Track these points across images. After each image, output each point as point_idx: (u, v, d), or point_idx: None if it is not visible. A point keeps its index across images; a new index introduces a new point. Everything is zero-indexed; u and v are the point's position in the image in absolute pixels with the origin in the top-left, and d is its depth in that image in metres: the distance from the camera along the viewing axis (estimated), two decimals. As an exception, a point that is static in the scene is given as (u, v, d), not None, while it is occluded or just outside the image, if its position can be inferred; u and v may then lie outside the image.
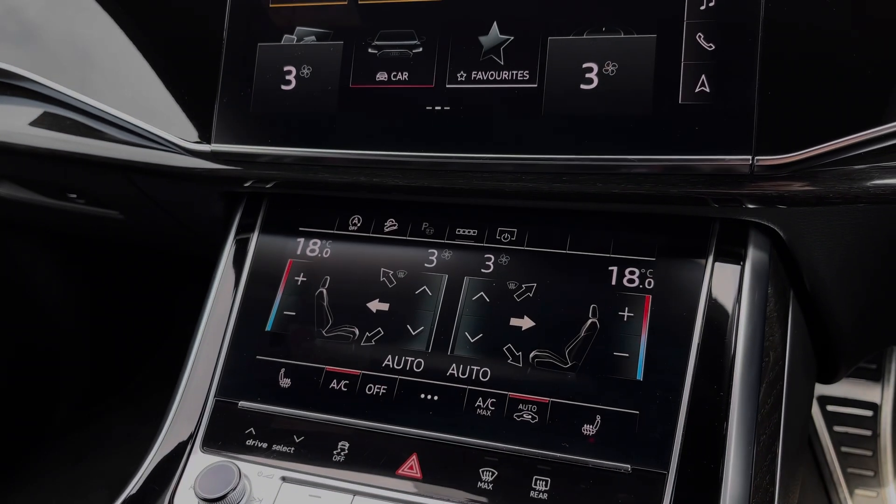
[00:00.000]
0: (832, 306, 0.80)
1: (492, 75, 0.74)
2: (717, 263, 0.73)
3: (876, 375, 1.38)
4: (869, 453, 1.37)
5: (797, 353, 0.79)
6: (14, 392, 1.56)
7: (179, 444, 0.78)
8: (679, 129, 0.67)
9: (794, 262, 0.75)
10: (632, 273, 0.74)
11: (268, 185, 0.86)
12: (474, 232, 0.81)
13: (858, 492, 1.37)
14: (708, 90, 0.67)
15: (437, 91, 0.75)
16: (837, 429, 1.39)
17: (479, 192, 0.77)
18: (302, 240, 0.85)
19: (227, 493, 0.70)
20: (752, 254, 0.73)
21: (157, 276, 1.79)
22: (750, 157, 0.65)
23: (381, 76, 0.77)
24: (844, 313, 0.83)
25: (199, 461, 0.76)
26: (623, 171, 0.70)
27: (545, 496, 0.67)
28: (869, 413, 1.38)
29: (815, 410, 1.40)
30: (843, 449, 1.39)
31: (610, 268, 0.75)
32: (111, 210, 1.08)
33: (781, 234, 0.72)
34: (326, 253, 0.84)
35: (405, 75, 0.77)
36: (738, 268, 0.72)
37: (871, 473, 1.37)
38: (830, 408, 1.40)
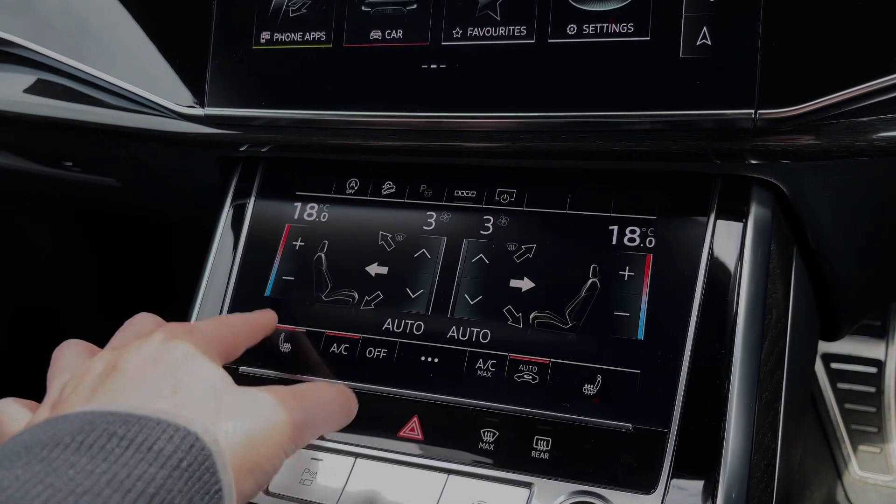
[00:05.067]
0: (836, 263, 0.79)
1: (488, 31, 0.72)
2: (718, 221, 0.72)
3: (880, 332, 1.38)
4: (873, 409, 1.37)
5: (800, 310, 0.78)
6: (19, 362, 1.57)
7: (181, 409, 0.78)
8: (680, 83, 0.66)
9: (798, 218, 0.74)
10: (632, 232, 0.73)
11: (263, 150, 0.85)
12: (473, 193, 0.79)
13: (862, 447, 1.37)
14: (710, 43, 0.65)
15: (433, 49, 0.74)
16: (841, 386, 1.39)
17: (478, 152, 0.76)
18: (299, 204, 0.85)
19: (230, 458, 0.71)
20: (754, 210, 0.71)
21: (162, 245, 1.79)
22: (753, 110, 0.64)
23: (375, 34, 0.76)
24: (848, 270, 0.82)
25: (202, 426, 0.76)
26: (623, 128, 0.69)
27: (546, 456, 0.67)
28: (873, 370, 1.38)
29: (819, 368, 1.40)
30: (847, 406, 1.39)
31: (610, 227, 0.74)
32: (107, 178, 1.07)
33: (785, 189, 0.71)
34: (324, 217, 0.83)
35: (399, 33, 0.75)
36: (740, 225, 0.71)
37: (874, 430, 1.37)
38: (834, 365, 1.40)
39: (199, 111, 0.81)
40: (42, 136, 0.99)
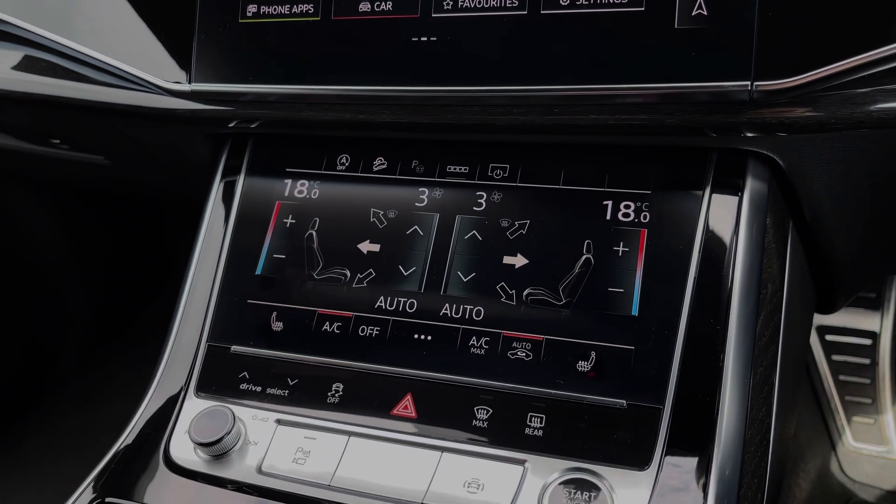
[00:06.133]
0: (832, 236, 0.79)
1: (479, 2, 0.70)
2: (714, 195, 0.71)
3: (875, 304, 1.38)
4: (867, 381, 1.38)
5: (795, 284, 0.78)
6: (16, 340, 1.57)
7: (173, 390, 0.78)
8: (675, 54, 0.64)
9: (794, 191, 0.73)
10: (627, 207, 0.72)
11: (252, 126, 0.83)
12: (465, 169, 0.78)
13: (856, 419, 1.38)
14: (705, 13, 0.64)
15: (423, 21, 0.72)
16: (836, 358, 1.40)
17: (470, 126, 0.75)
18: (289, 181, 0.83)
19: (222, 437, 0.70)
20: (750, 184, 0.71)
21: (155, 223, 1.78)
22: (749, 82, 0.62)
23: (364, 6, 0.74)
24: (844, 243, 0.81)
25: (194, 406, 0.76)
26: (617, 101, 0.68)
27: (540, 433, 0.67)
28: (868, 342, 1.38)
29: (814, 340, 1.40)
30: (842, 377, 1.39)
31: (604, 202, 0.73)
32: (95, 155, 1.06)
33: (781, 162, 0.70)
34: (315, 194, 0.82)
35: (389, 5, 0.73)
36: (735, 199, 0.70)
37: (868, 401, 1.37)
38: (829, 337, 1.40)
39: (185, 87, 0.80)
40: (28, 113, 0.98)
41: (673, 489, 0.62)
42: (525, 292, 0.73)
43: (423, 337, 0.74)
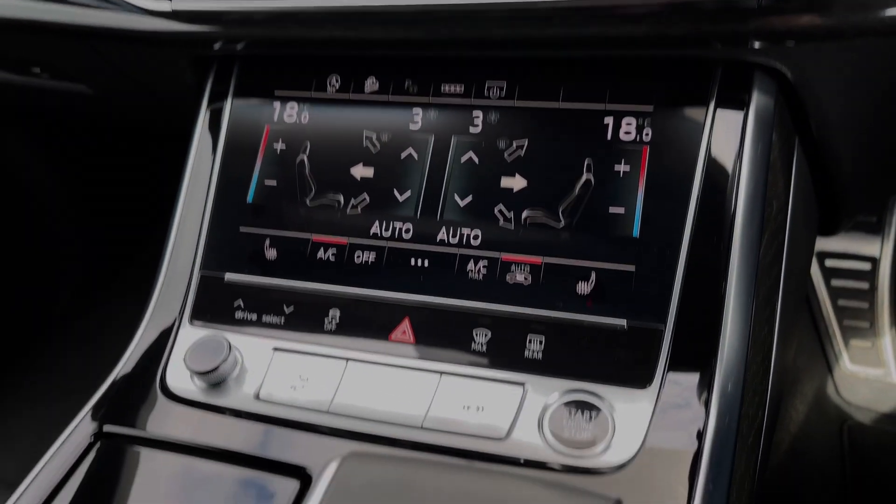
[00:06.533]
0: (838, 152, 0.76)
1: None
2: (718, 110, 0.68)
3: (876, 229, 1.36)
4: (865, 305, 1.37)
5: (799, 203, 0.76)
6: (13, 281, 1.56)
7: (167, 319, 0.77)
8: (680, -41, 0.61)
9: (801, 105, 0.70)
10: (628, 124, 0.70)
11: (238, 47, 0.80)
12: (461, 88, 0.75)
13: (854, 342, 1.38)
14: (712, -86, 0.60)
15: (414, -71, 0.68)
16: (835, 283, 1.39)
17: (465, 42, 0.72)
18: (278, 104, 0.81)
19: (219, 366, 0.70)
20: (756, 99, 0.68)
21: (148, 158, 1.75)
22: (758, -13, 0.59)
23: (351, -85, 0.70)
24: (850, 158, 0.79)
25: (189, 335, 0.75)
26: (619, 11, 0.64)
27: (539, 355, 0.66)
28: (867, 266, 1.37)
29: (813, 266, 1.40)
30: (840, 302, 1.39)
31: (605, 120, 0.71)
32: (77, 84, 1.02)
33: (788, 75, 0.67)
34: (305, 118, 0.79)
35: (377, -88, 0.69)
36: (740, 114, 0.68)
37: (866, 325, 1.38)
38: (829, 262, 1.39)
39: (165, 5, 0.76)
40: (6, 40, 0.94)
41: (675, 406, 0.62)
42: (524, 215, 0.71)
43: (419, 262, 0.72)
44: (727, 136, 0.68)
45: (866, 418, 1.33)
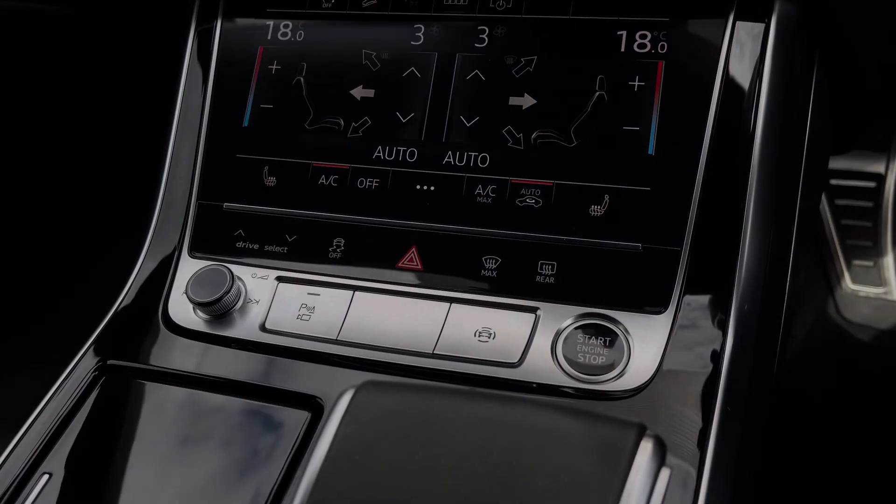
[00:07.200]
0: (859, 65, 0.73)
1: None
2: (738, 21, 0.65)
3: (882, 146, 1.34)
4: (869, 224, 1.36)
5: (818, 119, 0.73)
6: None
7: (166, 250, 0.75)
8: None
9: (826, 14, 0.67)
10: (643, 37, 0.67)
11: (226, -40, 0.75)
12: (465, 1, 0.71)
13: (856, 262, 1.38)
14: None
15: None
16: (839, 202, 1.37)
17: (469, -50, 0.67)
18: (271, 22, 0.76)
19: (222, 297, 0.68)
20: (779, 7, 0.64)
21: (136, 89, 1.69)
22: None
23: None
24: (871, 73, 0.76)
25: (190, 267, 0.73)
26: (636, -88, 0.60)
27: (552, 280, 0.65)
28: (872, 184, 1.35)
29: (818, 185, 1.37)
30: (844, 222, 1.38)
31: (619, 32, 0.67)
32: (58, 5, 0.97)
33: (813, -20, 0.64)
34: (300, 36, 0.75)
35: None
36: (761, 25, 0.65)
37: (869, 244, 1.37)
38: (833, 181, 1.37)
39: (146, -85, 0.71)
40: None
41: (691, 329, 0.61)
42: (533, 135, 0.68)
43: (425, 187, 0.70)
44: (747, 48, 0.65)
45: (867, 336, 1.33)
